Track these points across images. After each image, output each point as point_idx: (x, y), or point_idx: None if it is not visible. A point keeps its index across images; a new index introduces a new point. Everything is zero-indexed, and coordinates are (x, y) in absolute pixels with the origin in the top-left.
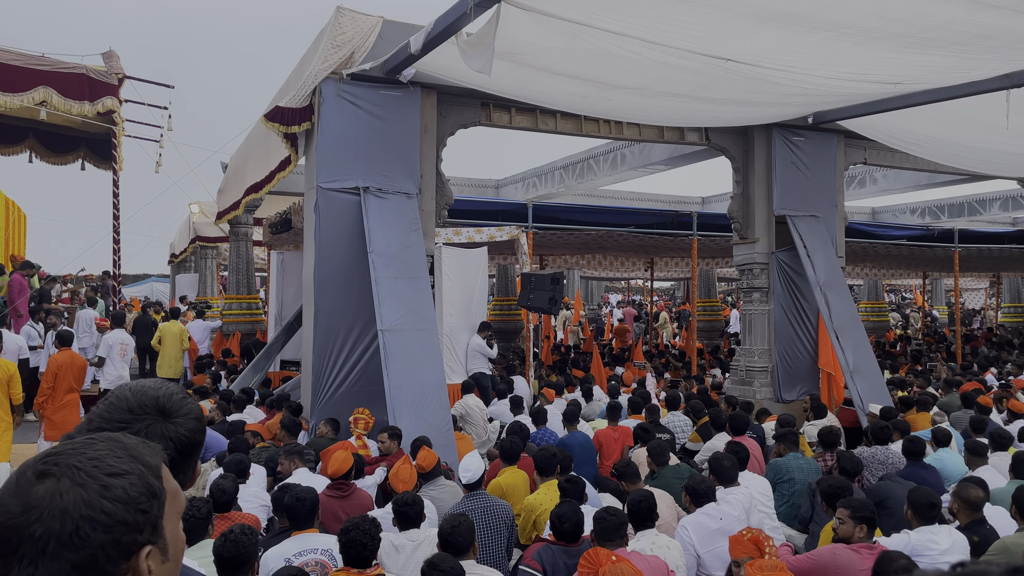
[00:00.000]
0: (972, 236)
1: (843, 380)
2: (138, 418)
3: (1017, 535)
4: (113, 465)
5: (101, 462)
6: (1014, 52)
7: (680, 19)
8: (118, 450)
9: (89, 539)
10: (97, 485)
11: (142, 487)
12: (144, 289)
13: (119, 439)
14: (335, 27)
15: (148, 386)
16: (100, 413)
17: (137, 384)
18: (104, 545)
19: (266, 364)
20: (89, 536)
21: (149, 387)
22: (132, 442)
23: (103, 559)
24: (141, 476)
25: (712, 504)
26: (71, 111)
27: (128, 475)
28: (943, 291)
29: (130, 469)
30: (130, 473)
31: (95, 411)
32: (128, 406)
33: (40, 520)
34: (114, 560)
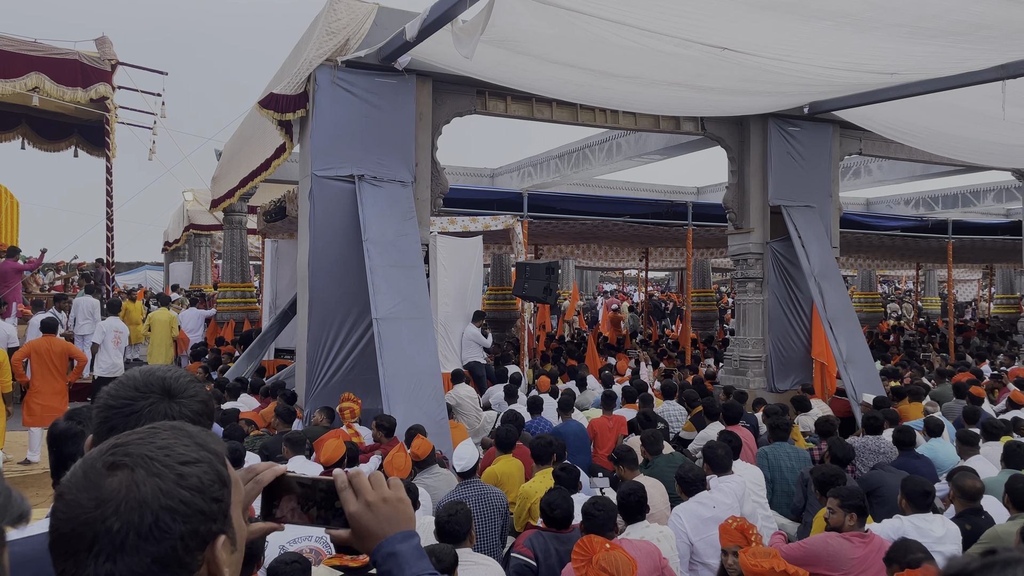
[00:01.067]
0: (966, 227)
1: (836, 370)
2: (143, 396)
3: (1009, 523)
4: (184, 453)
5: (172, 450)
6: (1010, 42)
7: (677, 7)
8: (184, 438)
9: (170, 530)
10: (173, 474)
11: (214, 475)
12: (138, 277)
13: (182, 427)
14: (330, 13)
15: (157, 368)
16: (108, 391)
17: (147, 366)
18: (184, 536)
19: (260, 352)
20: (170, 527)
21: (158, 369)
22: (195, 430)
23: (182, 550)
24: (211, 464)
25: (705, 492)
26: (64, 97)
27: (200, 463)
28: (936, 282)
29: (200, 457)
30: (201, 461)
31: (104, 390)
32: (135, 384)
33: (117, 513)
34: (192, 551)
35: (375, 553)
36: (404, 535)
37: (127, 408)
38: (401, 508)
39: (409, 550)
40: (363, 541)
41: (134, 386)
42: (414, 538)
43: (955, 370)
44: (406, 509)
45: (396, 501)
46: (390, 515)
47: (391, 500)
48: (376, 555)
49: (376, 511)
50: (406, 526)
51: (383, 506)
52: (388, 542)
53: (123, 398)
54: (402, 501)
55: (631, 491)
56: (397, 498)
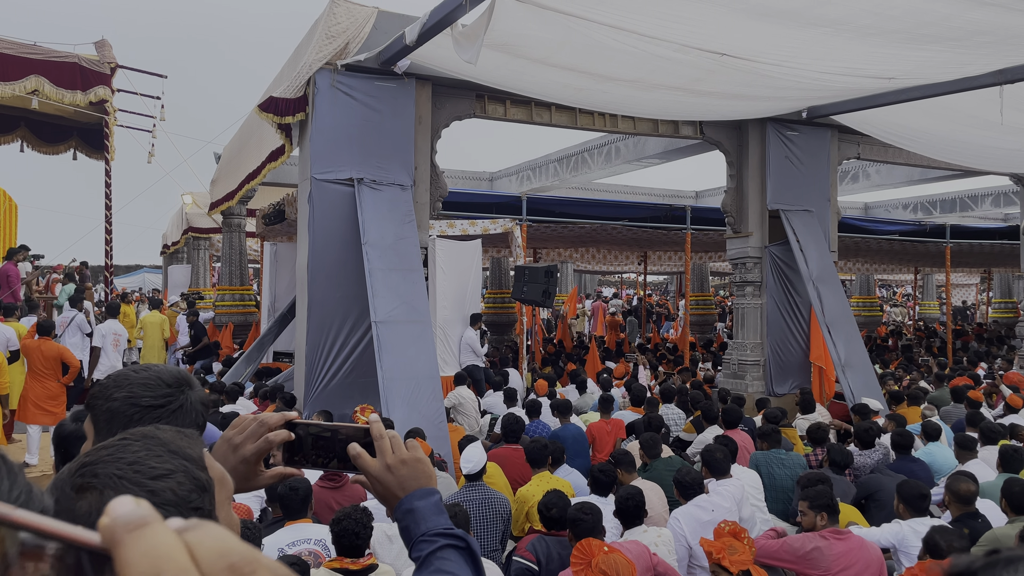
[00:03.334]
0: (964, 232)
1: (834, 374)
2: (179, 390)
3: (1007, 527)
4: (156, 467)
5: (142, 465)
6: (1008, 48)
7: (675, 13)
8: (156, 448)
9: None
10: (143, 492)
11: (190, 484)
12: (136, 280)
13: (154, 435)
14: (330, 17)
15: (155, 365)
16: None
17: (142, 364)
18: None
19: (259, 355)
20: None
21: (157, 365)
22: (168, 436)
23: None
24: (187, 472)
25: (704, 496)
26: (63, 100)
27: (173, 474)
28: (934, 286)
29: (174, 467)
30: (174, 472)
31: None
32: (163, 379)
33: None
34: None
35: (396, 511)
36: (423, 492)
37: (172, 403)
38: (420, 468)
39: (427, 506)
40: (385, 501)
41: (165, 382)
42: (433, 495)
43: (953, 374)
44: (425, 468)
45: (414, 461)
46: (409, 475)
47: (409, 461)
48: (397, 512)
49: (396, 472)
50: (425, 484)
51: (402, 467)
52: (407, 499)
53: (162, 396)
54: (420, 461)
55: (629, 496)
56: (415, 458)
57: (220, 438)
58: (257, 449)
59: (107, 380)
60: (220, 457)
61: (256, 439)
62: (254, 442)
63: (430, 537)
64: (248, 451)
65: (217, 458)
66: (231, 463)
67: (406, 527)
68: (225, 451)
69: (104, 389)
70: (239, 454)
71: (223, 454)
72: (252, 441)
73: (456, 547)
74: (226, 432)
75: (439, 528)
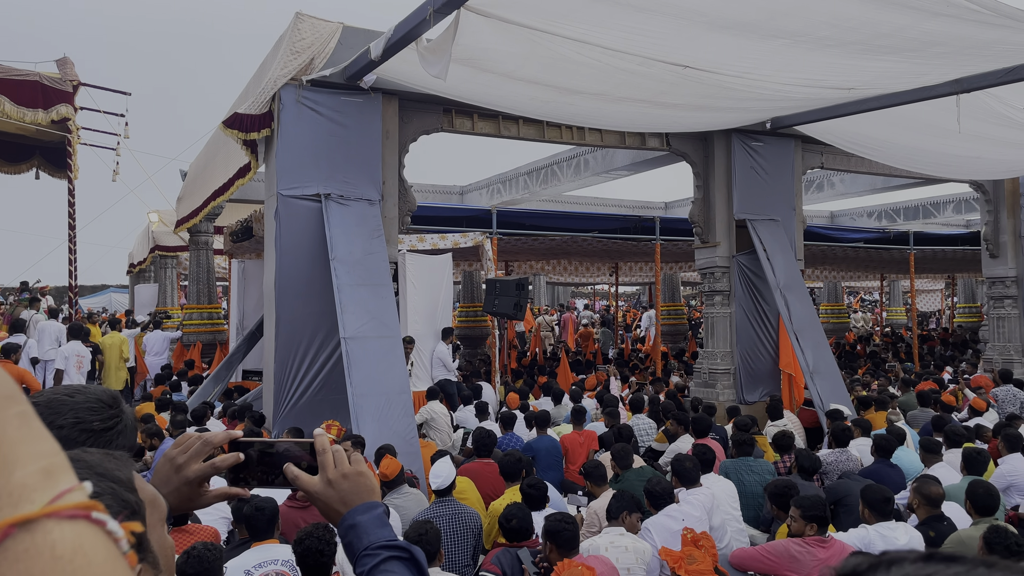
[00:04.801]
0: (927, 238)
1: (803, 381)
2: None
3: (972, 528)
4: None
5: None
6: (963, 58)
7: (638, 27)
8: (82, 471)
9: None
10: None
11: (118, 507)
12: (103, 300)
13: (80, 457)
14: (294, 33)
15: (75, 385)
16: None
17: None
18: None
19: (228, 374)
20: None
21: (79, 385)
22: (95, 459)
23: None
24: (115, 495)
25: (674, 505)
26: (24, 119)
27: (100, 497)
28: (900, 293)
29: (101, 490)
30: (101, 495)
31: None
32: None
33: None
34: None
35: (339, 527)
36: (365, 507)
37: (119, 424)
38: (362, 481)
39: (369, 520)
40: (328, 517)
41: (106, 403)
42: (376, 509)
43: (919, 379)
44: (367, 482)
45: (356, 475)
46: (350, 489)
47: (351, 475)
48: (340, 528)
49: (337, 487)
50: (368, 498)
51: (343, 482)
52: (350, 514)
53: (109, 418)
54: (362, 475)
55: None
56: (357, 472)
57: (162, 457)
58: (202, 471)
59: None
60: (162, 477)
61: (200, 458)
62: (198, 462)
63: (373, 550)
64: (191, 472)
65: (159, 477)
66: (174, 483)
67: (349, 543)
68: (167, 471)
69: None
70: (182, 475)
71: (165, 474)
72: (196, 461)
73: (400, 558)
74: (168, 451)
75: (382, 541)
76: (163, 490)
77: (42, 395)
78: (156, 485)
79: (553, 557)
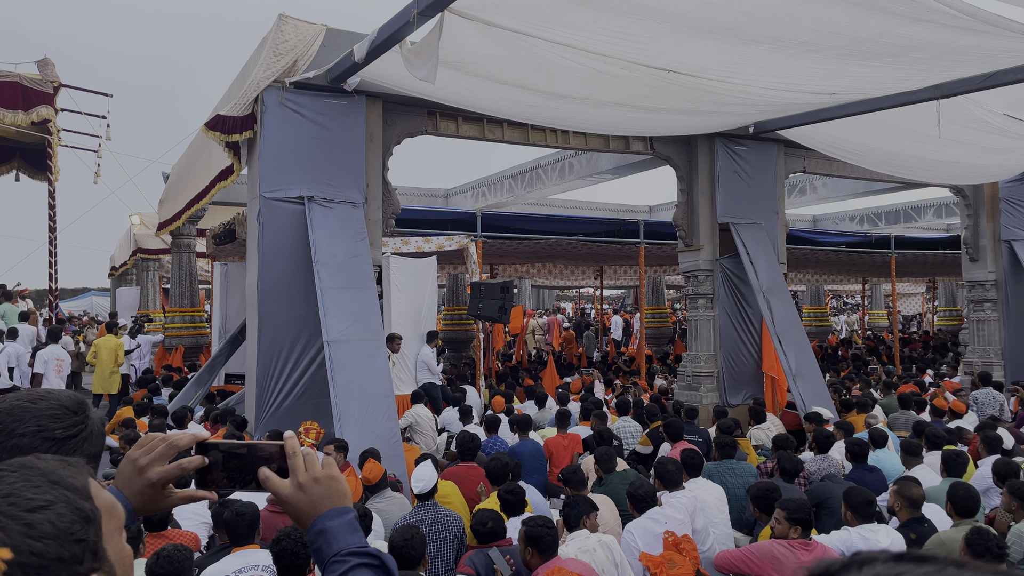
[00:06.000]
0: (908, 242)
1: (786, 384)
2: (86, 415)
3: (953, 530)
4: (33, 498)
5: (18, 497)
6: (943, 63)
7: (621, 31)
8: (34, 478)
9: None
10: (19, 525)
11: (72, 515)
12: (84, 303)
13: (33, 465)
14: (277, 35)
15: (40, 390)
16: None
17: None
18: None
19: (209, 378)
20: None
21: (43, 390)
22: (49, 466)
23: None
24: (68, 502)
25: (657, 508)
26: (4, 120)
27: (53, 505)
28: (882, 296)
29: (53, 498)
30: (54, 503)
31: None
32: (67, 406)
33: None
34: None
35: (308, 531)
36: (336, 512)
37: (83, 431)
38: (333, 486)
39: (339, 526)
40: (298, 521)
41: (71, 409)
42: (347, 514)
43: (900, 382)
44: (338, 486)
45: (327, 479)
46: (321, 494)
47: (322, 479)
48: (309, 533)
49: (308, 491)
50: (339, 503)
51: (314, 486)
52: (320, 519)
53: (73, 425)
54: (334, 479)
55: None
56: (328, 476)
57: (124, 458)
58: (166, 473)
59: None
60: (125, 479)
61: (164, 460)
62: (162, 464)
63: (342, 557)
64: (154, 475)
65: (122, 479)
66: (136, 486)
67: (318, 548)
68: (130, 473)
69: (1, 425)
70: (144, 477)
71: (128, 476)
72: (160, 463)
73: (369, 565)
74: (131, 452)
75: (352, 547)
76: (126, 491)
77: (4, 401)
78: (119, 487)
79: (534, 562)
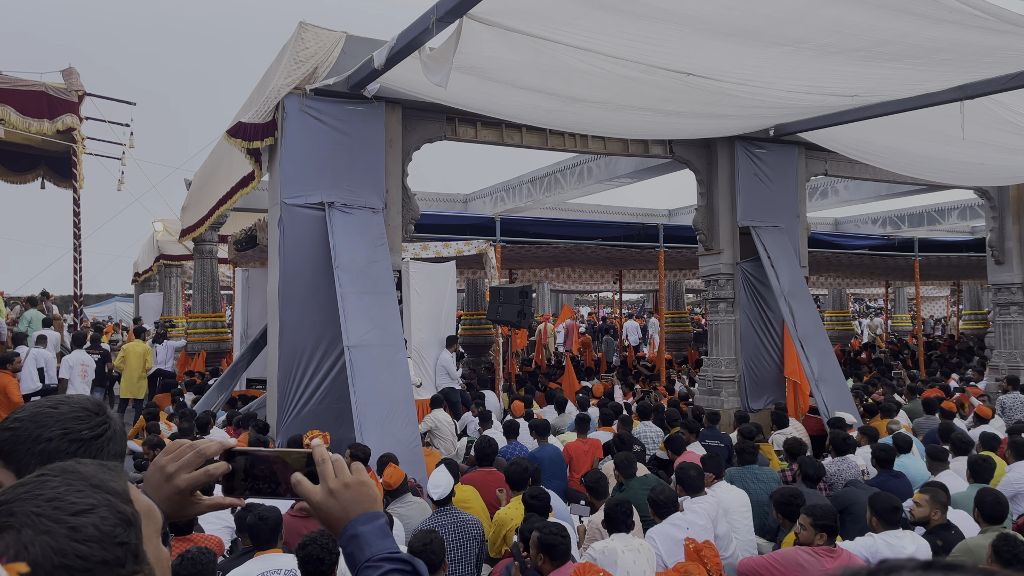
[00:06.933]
0: (932, 245)
1: (809, 388)
2: (107, 416)
3: (980, 537)
4: (76, 502)
5: (62, 501)
6: (966, 64)
7: (641, 34)
8: (77, 483)
9: None
10: (64, 529)
11: (114, 519)
12: (108, 309)
13: (74, 469)
14: (298, 42)
15: (63, 395)
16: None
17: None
18: None
19: (231, 383)
20: None
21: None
22: (89, 470)
23: None
24: (110, 506)
25: (679, 514)
26: (30, 129)
27: (96, 509)
28: (905, 299)
29: (96, 502)
30: (97, 507)
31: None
32: (89, 408)
33: None
34: None
35: (340, 537)
36: (367, 517)
37: (107, 432)
38: (363, 491)
39: (371, 531)
40: (329, 527)
41: (92, 411)
42: (378, 519)
43: (925, 386)
44: (369, 491)
45: (358, 485)
46: (352, 499)
47: (353, 485)
48: (341, 538)
49: (339, 497)
50: (370, 507)
51: (345, 492)
52: (351, 524)
53: (97, 425)
54: (364, 484)
55: (618, 503)
56: (359, 482)
57: (152, 465)
58: (194, 480)
59: (22, 424)
60: (153, 485)
61: (192, 469)
62: (190, 472)
63: (375, 563)
64: (183, 481)
65: (150, 486)
66: (165, 492)
67: (350, 553)
68: (158, 479)
69: (26, 432)
70: (173, 484)
71: (156, 483)
72: (188, 471)
73: (402, 571)
74: (159, 458)
75: (384, 553)
76: (155, 497)
77: (26, 409)
78: (148, 492)
79: (545, 568)
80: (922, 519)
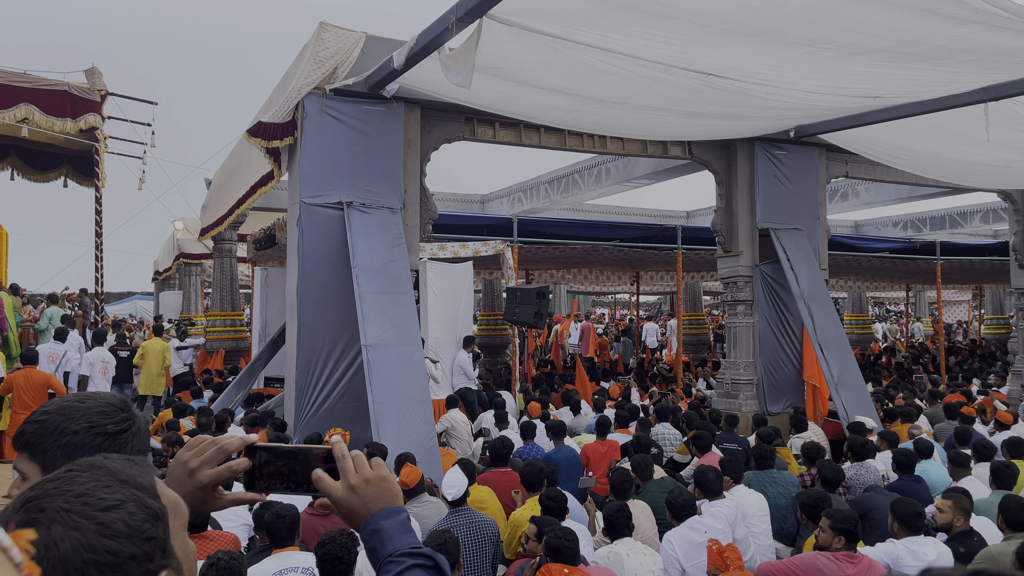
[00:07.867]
0: (954, 248)
1: (828, 392)
2: (132, 412)
3: (1004, 544)
4: (105, 498)
5: (91, 496)
6: (991, 65)
7: (661, 34)
8: (105, 478)
9: None
10: (93, 524)
11: (142, 514)
12: (128, 307)
13: (102, 464)
14: (318, 42)
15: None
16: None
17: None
18: None
19: (250, 381)
20: None
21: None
22: (117, 465)
23: None
24: (139, 501)
25: (697, 517)
26: (53, 128)
27: (124, 504)
28: (927, 303)
29: (124, 497)
30: (125, 502)
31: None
32: (115, 404)
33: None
34: None
35: (362, 532)
36: (389, 512)
37: (132, 427)
38: (385, 486)
39: (393, 526)
40: (351, 523)
41: (118, 407)
42: (399, 514)
43: (947, 391)
44: (390, 487)
45: (379, 480)
46: (373, 495)
47: (374, 480)
48: (363, 533)
49: (360, 492)
50: (391, 503)
51: (366, 487)
52: (373, 519)
53: (122, 420)
54: (385, 480)
55: (617, 509)
56: (380, 477)
57: (174, 460)
58: (216, 475)
59: (49, 416)
60: (175, 480)
61: (214, 464)
62: (212, 467)
63: (397, 557)
64: (205, 477)
65: (172, 481)
66: (187, 487)
67: (372, 548)
68: (181, 475)
69: (52, 425)
70: (195, 479)
71: (178, 477)
72: (210, 466)
73: (424, 566)
74: (181, 454)
75: (406, 548)
76: (177, 493)
77: (53, 403)
78: (170, 488)
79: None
80: (944, 525)
